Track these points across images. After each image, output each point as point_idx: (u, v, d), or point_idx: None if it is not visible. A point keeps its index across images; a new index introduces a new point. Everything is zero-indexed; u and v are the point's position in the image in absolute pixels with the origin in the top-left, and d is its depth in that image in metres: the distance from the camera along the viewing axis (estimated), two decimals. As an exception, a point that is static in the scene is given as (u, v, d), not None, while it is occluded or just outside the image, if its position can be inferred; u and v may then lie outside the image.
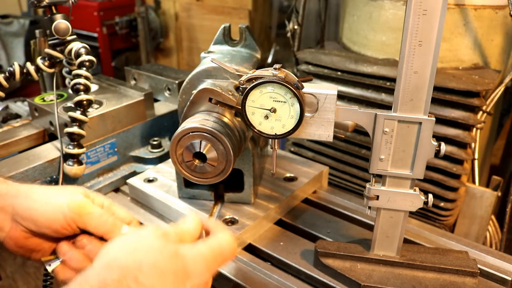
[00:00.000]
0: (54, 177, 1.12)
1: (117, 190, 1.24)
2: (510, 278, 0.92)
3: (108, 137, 1.21)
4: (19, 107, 1.52)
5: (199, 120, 0.91)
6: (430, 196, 0.83)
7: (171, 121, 1.37)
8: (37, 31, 1.36)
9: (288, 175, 1.18)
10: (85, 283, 0.53)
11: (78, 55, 1.14)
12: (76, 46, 1.15)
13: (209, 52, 1.10)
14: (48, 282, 0.84)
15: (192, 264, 0.59)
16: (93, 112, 1.17)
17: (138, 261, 0.55)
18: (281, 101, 0.78)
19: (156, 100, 1.45)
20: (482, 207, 1.28)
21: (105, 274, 0.54)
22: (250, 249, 1.01)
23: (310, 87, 0.78)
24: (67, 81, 1.32)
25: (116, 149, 1.23)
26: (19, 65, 1.17)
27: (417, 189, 0.82)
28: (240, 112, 0.81)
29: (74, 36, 1.17)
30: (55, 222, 0.67)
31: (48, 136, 1.28)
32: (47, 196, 0.69)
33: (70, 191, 0.71)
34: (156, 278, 0.55)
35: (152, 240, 0.58)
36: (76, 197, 0.69)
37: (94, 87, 1.34)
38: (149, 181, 1.15)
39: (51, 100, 1.25)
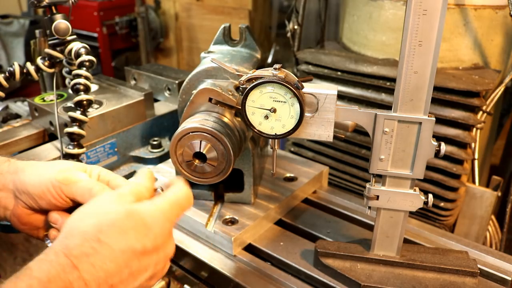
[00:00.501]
0: (54, 177, 1.12)
1: (117, 190, 1.23)
2: (510, 278, 0.92)
3: (108, 137, 1.21)
4: (19, 107, 1.52)
5: (199, 120, 0.91)
6: (430, 196, 0.83)
7: (171, 121, 1.37)
8: (37, 31, 1.36)
9: (288, 175, 1.18)
10: (49, 251, 0.55)
11: (78, 55, 1.14)
12: (76, 46, 1.15)
13: (209, 52, 1.10)
14: None
15: (150, 217, 0.61)
16: (93, 112, 1.17)
17: (97, 224, 0.57)
18: (281, 101, 0.78)
19: (156, 100, 1.45)
20: (482, 207, 1.28)
21: (67, 241, 0.56)
22: (250, 249, 1.01)
23: (310, 87, 0.78)
24: (67, 81, 1.32)
25: (116, 149, 1.23)
26: (19, 65, 1.17)
27: (417, 189, 0.82)
28: (240, 112, 0.81)
29: (74, 36, 1.17)
30: (46, 193, 0.68)
31: (48, 136, 1.28)
32: (39, 169, 0.71)
33: (60, 163, 0.72)
34: (117, 235, 0.57)
35: (108, 204, 0.61)
36: (63, 167, 0.70)
37: (94, 87, 1.34)
38: (149, 181, 1.15)
39: (51, 100, 1.25)
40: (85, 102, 1.10)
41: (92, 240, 0.56)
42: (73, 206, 0.69)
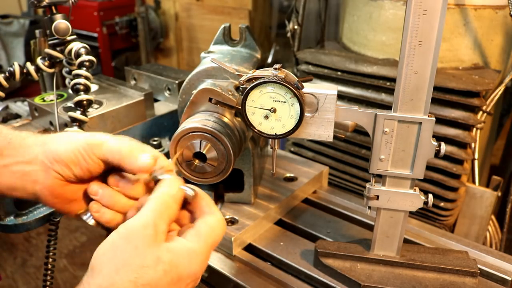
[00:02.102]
0: (54, 177, 1.12)
1: (117, 190, 1.23)
2: (510, 278, 0.92)
3: (108, 137, 1.20)
4: (19, 107, 1.51)
5: (199, 120, 0.91)
6: (430, 196, 0.83)
7: (171, 121, 1.37)
8: (37, 31, 1.36)
9: (288, 175, 1.18)
10: None
11: (78, 55, 1.14)
12: (76, 46, 1.15)
13: (209, 52, 1.10)
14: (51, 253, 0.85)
15: (187, 269, 0.58)
16: (93, 112, 1.17)
17: (134, 281, 0.54)
18: (281, 101, 0.78)
19: (156, 100, 1.45)
20: (482, 207, 1.28)
21: None
22: (250, 249, 1.01)
23: (310, 87, 0.78)
24: (67, 81, 1.31)
25: (116, 149, 1.23)
26: (19, 65, 1.17)
27: (417, 189, 0.82)
28: (240, 112, 0.81)
29: (74, 36, 1.17)
30: (79, 157, 0.67)
31: (48, 136, 1.28)
32: (69, 137, 0.69)
33: (88, 132, 0.72)
34: None
35: (143, 250, 0.56)
36: (92, 133, 0.70)
37: (94, 87, 1.34)
38: (149, 181, 1.15)
39: (51, 100, 1.25)
40: (85, 102, 1.10)
41: None
42: (107, 170, 0.69)
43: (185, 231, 0.62)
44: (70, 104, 1.20)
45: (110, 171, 0.70)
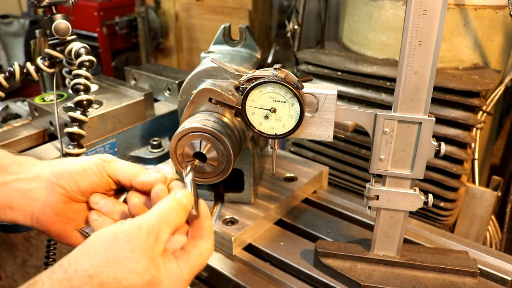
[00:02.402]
0: (54, 177, 1.12)
1: (117, 190, 1.23)
2: (510, 278, 0.92)
3: (108, 137, 1.21)
4: (19, 107, 1.52)
5: (199, 120, 0.91)
6: (430, 196, 0.83)
7: (171, 121, 1.37)
8: (37, 31, 1.36)
9: (288, 175, 1.18)
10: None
11: (78, 55, 1.14)
12: (76, 46, 1.15)
13: (209, 52, 1.10)
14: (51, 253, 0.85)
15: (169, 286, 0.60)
16: (93, 112, 1.17)
17: (119, 280, 0.55)
18: (281, 101, 0.78)
19: (156, 100, 1.45)
20: (482, 207, 1.28)
21: (85, 286, 0.54)
22: (250, 249, 1.01)
23: (310, 87, 0.78)
24: (67, 81, 1.32)
25: (116, 149, 1.23)
26: (19, 65, 1.17)
27: (417, 189, 0.82)
28: (240, 112, 0.81)
29: (74, 36, 1.17)
30: (88, 171, 0.68)
31: (48, 136, 1.28)
32: (80, 157, 0.74)
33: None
34: None
35: (138, 256, 0.57)
36: (101, 154, 0.73)
37: (94, 87, 1.34)
38: (149, 181, 1.15)
39: (51, 100, 1.25)
40: (85, 102, 1.10)
41: None
42: (113, 189, 0.71)
43: (177, 254, 0.63)
44: (70, 104, 1.20)
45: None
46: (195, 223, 0.67)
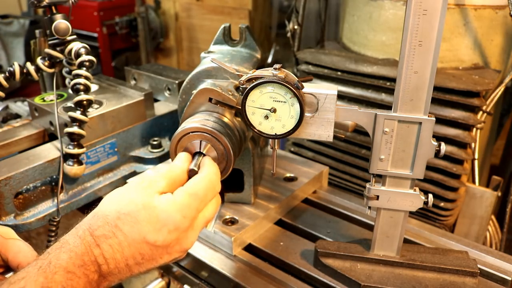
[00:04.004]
0: (54, 177, 1.12)
1: (117, 190, 1.24)
2: (510, 278, 0.92)
3: (108, 137, 1.21)
4: (19, 107, 1.52)
5: (199, 120, 0.91)
6: (430, 196, 0.83)
7: (171, 121, 1.37)
8: (37, 31, 1.36)
9: (288, 175, 1.18)
10: (79, 228, 0.65)
11: (78, 55, 1.14)
12: (76, 46, 1.15)
13: (209, 52, 1.09)
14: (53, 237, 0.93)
15: (164, 213, 0.67)
16: (93, 112, 1.17)
17: (117, 210, 0.66)
18: (281, 101, 0.78)
19: (156, 100, 1.44)
20: (482, 207, 1.28)
21: (91, 221, 0.66)
22: (250, 249, 1.01)
23: (310, 87, 0.78)
24: (67, 81, 1.31)
25: (116, 149, 1.23)
26: (19, 65, 1.17)
27: (417, 189, 0.82)
28: (240, 112, 0.81)
29: (74, 36, 1.17)
30: None
31: (48, 136, 1.28)
32: None
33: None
34: (132, 224, 0.65)
35: (133, 193, 0.68)
36: (4, 227, 0.75)
37: (94, 87, 1.34)
38: (149, 181, 1.15)
39: (51, 100, 1.25)
40: (85, 102, 1.10)
41: (111, 224, 0.65)
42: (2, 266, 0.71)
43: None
44: (70, 104, 1.20)
45: None
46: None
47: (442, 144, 0.77)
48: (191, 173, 0.77)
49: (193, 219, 0.70)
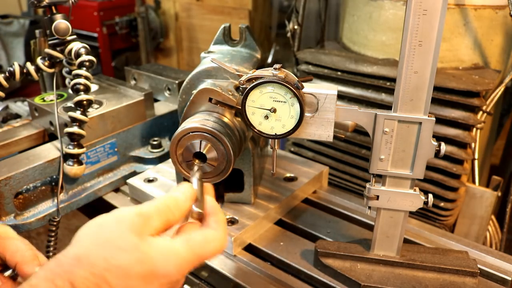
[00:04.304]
0: (54, 177, 1.12)
1: (117, 190, 1.24)
2: (510, 278, 0.92)
3: (108, 137, 1.21)
4: (19, 107, 1.52)
5: (199, 120, 0.91)
6: (430, 196, 0.83)
7: (171, 121, 1.37)
8: (37, 31, 1.36)
9: (288, 175, 1.18)
10: (54, 274, 0.53)
11: (78, 55, 1.14)
12: (76, 46, 1.15)
13: (209, 52, 1.10)
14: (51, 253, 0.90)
15: (162, 266, 0.58)
16: (93, 112, 1.17)
17: (106, 259, 0.55)
18: (281, 101, 0.78)
19: (156, 100, 1.45)
20: (482, 207, 1.28)
21: (73, 268, 0.54)
22: (250, 249, 1.01)
23: (310, 87, 0.78)
24: (67, 81, 1.31)
25: (116, 149, 1.23)
26: (19, 65, 1.17)
27: (417, 189, 0.82)
28: (240, 112, 0.81)
29: (74, 36, 1.17)
30: None
31: (48, 136, 1.28)
32: None
33: None
34: (122, 278, 0.55)
35: (126, 234, 0.56)
36: (2, 226, 0.72)
37: (94, 87, 1.34)
38: (149, 181, 1.15)
39: (51, 100, 1.25)
40: (85, 102, 1.10)
41: (98, 276, 0.54)
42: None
43: (175, 236, 0.62)
44: (70, 104, 1.20)
45: None
46: (206, 219, 0.65)
47: (442, 144, 0.77)
48: (195, 215, 0.65)
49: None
